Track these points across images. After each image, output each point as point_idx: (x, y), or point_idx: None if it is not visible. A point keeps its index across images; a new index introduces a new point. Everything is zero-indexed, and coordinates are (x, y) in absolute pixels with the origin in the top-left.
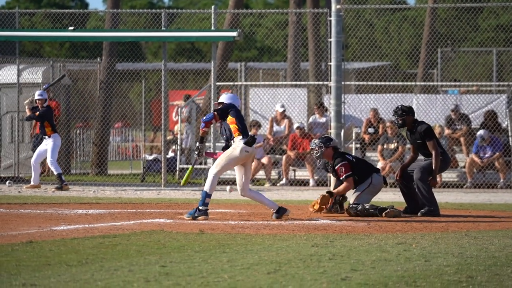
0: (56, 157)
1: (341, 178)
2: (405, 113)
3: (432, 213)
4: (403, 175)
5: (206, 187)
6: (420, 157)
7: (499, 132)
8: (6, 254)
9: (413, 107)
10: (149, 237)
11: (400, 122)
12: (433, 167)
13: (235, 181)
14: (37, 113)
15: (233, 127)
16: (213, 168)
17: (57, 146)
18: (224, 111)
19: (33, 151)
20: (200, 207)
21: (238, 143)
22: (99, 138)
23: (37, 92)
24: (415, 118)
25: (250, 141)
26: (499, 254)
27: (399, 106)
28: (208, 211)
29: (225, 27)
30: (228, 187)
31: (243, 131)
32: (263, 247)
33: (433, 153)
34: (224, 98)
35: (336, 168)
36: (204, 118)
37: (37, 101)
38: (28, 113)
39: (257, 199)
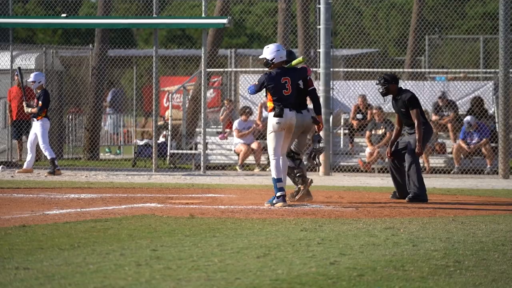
0: (47, 141)
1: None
2: (387, 82)
3: (419, 199)
4: (394, 155)
5: (273, 174)
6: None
7: (486, 118)
8: None
9: None
10: (140, 221)
11: (383, 90)
12: (416, 137)
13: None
14: (40, 103)
15: (269, 105)
16: (269, 154)
17: (46, 130)
18: (261, 85)
19: (16, 138)
20: (277, 194)
21: (270, 119)
22: (91, 124)
23: (32, 75)
24: (399, 86)
25: (277, 113)
26: (486, 239)
27: (382, 75)
28: (285, 196)
29: (216, 14)
30: None
31: (276, 104)
32: (253, 231)
33: (415, 122)
34: (267, 53)
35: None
36: (250, 89)
37: (32, 82)
38: (33, 111)
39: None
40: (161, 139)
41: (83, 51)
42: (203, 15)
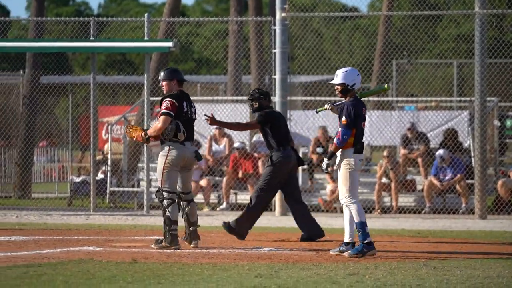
0: None
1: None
2: (262, 96)
3: (234, 232)
4: (287, 197)
5: (356, 218)
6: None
7: (460, 152)
8: None
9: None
10: (77, 267)
11: (256, 106)
12: (226, 123)
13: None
14: None
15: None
16: (347, 197)
17: None
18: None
19: None
20: (364, 241)
21: (348, 156)
22: (22, 158)
23: None
24: (271, 105)
25: (360, 148)
26: (461, 286)
27: (256, 90)
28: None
29: (160, 36)
30: None
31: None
32: (202, 277)
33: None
34: (345, 77)
35: (162, 101)
36: (343, 138)
37: None
38: None
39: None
40: (100, 176)
41: (12, 77)
42: (145, 37)
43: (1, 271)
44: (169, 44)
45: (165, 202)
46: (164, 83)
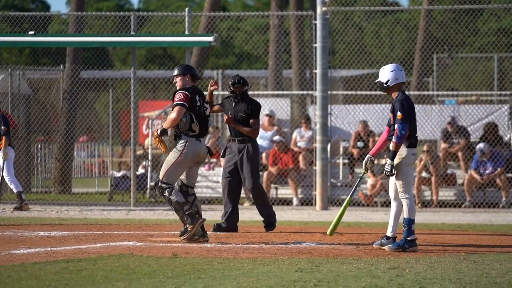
0: (13, 172)
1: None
2: (246, 83)
3: (274, 225)
4: (231, 176)
5: (408, 214)
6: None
7: (500, 146)
8: None
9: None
10: (117, 262)
11: (244, 90)
12: (243, 128)
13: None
14: (4, 127)
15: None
16: (402, 192)
17: (11, 160)
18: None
19: None
20: (408, 238)
21: (404, 151)
22: (62, 153)
23: None
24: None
25: (414, 142)
26: (501, 279)
27: (238, 76)
28: (416, 240)
29: (200, 31)
30: None
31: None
32: (242, 272)
33: (253, 127)
34: (380, 75)
35: (174, 94)
36: (402, 134)
37: None
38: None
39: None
40: (141, 170)
41: (53, 72)
42: (186, 32)
43: (41, 266)
44: (210, 38)
45: (166, 192)
46: (177, 78)
